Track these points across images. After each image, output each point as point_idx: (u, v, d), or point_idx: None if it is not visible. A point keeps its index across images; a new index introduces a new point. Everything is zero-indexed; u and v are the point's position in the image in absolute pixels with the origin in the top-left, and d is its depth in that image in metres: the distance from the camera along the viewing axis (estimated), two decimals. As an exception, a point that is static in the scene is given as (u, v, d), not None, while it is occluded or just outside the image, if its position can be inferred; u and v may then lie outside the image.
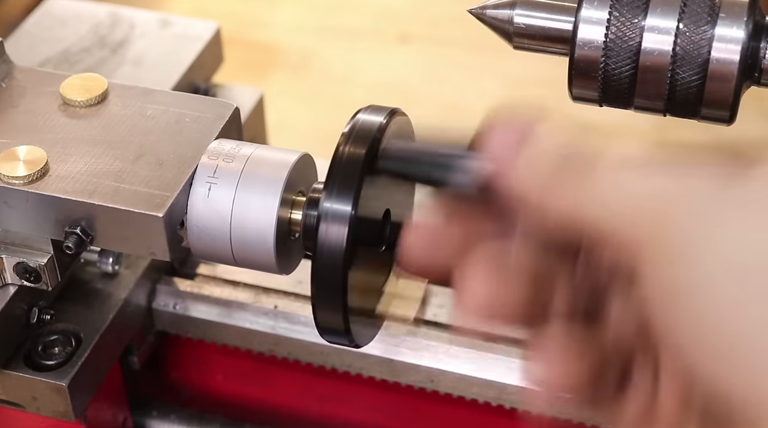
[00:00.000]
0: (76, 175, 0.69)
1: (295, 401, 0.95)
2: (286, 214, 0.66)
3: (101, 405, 0.85)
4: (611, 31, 0.63)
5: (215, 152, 0.68)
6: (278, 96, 1.79)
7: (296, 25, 2.10)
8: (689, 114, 0.64)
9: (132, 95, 0.75)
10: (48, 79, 0.77)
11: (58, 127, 0.73)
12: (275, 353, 0.87)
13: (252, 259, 0.67)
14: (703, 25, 0.61)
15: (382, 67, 2.00)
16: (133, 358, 0.87)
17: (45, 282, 0.71)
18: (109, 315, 0.82)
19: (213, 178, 0.67)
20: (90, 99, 0.74)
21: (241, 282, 0.89)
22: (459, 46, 2.01)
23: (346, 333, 0.62)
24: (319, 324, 0.62)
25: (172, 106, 0.74)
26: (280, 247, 0.66)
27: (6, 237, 0.71)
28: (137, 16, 1.00)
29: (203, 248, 0.68)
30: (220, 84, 1.01)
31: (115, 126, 0.73)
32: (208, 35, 0.98)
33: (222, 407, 0.96)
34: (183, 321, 0.88)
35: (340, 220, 0.59)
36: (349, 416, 0.94)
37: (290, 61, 2.01)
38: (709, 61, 0.61)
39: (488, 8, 0.68)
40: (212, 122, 0.72)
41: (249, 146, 0.68)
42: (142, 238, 0.68)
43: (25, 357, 0.78)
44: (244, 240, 0.66)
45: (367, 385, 0.89)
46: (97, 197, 0.68)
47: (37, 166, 0.69)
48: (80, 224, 0.68)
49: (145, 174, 0.69)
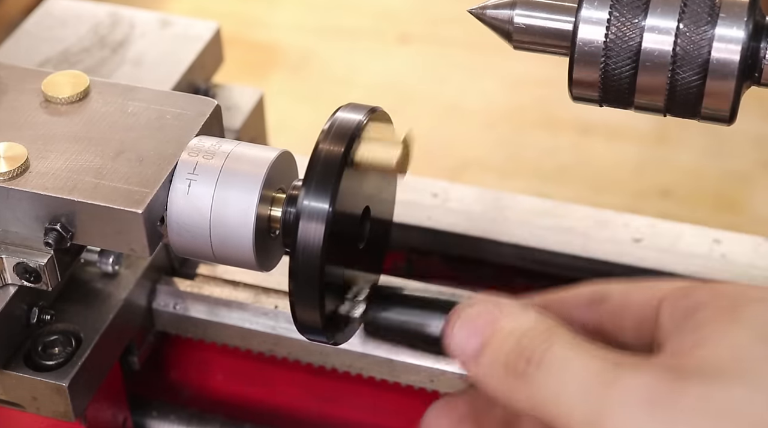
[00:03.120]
0: (56, 172, 0.69)
1: (295, 401, 0.95)
2: (266, 211, 0.67)
3: (101, 405, 0.85)
4: (611, 31, 0.63)
5: (195, 149, 0.68)
6: (278, 96, 1.79)
7: (296, 25, 2.10)
8: (689, 114, 0.64)
9: (113, 92, 0.75)
10: (30, 76, 0.77)
11: (39, 124, 0.73)
12: (275, 353, 0.87)
13: (231, 256, 0.67)
14: (703, 25, 0.61)
15: (382, 67, 2.00)
16: (133, 358, 0.87)
17: (45, 282, 0.71)
18: (109, 315, 0.82)
19: (193, 174, 0.67)
20: (71, 96, 0.74)
21: (241, 282, 0.89)
22: (459, 46, 2.01)
23: (324, 330, 0.62)
24: (298, 321, 0.62)
25: (153, 102, 0.74)
26: (259, 244, 0.66)
27: (6, 237, 0.71)
28: (137, 16, 1.00)
29: (183, 244, 0.68)
30: (220, 84, 1.01)
31: (96, 123, 0.73)
32: (208, 35, 0.98)
33: (222, 407, 0.96)
34: (183, 321, 0.88)
35: (318, 217, 0.59)
36: (349, 416, 0.94)
37: (290, 61, 2.01)
38: (709, 61, 0.61)
39: (488, 8, 0.68)
40: (193, 119, 0.72)
41: (229, 143, 0.69)
42: (122, 234, 0.68)
43: (25, 357, 0.78)
44: (224, 237, 0.66)
45: (367, 385, 0.89)
46: (77, 193, 0.68)
47: (17, 162, 0.69)
48: (60, 220, 0.69)
49: (125, 170, 0.69)
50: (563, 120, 1.88)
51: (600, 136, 1.86)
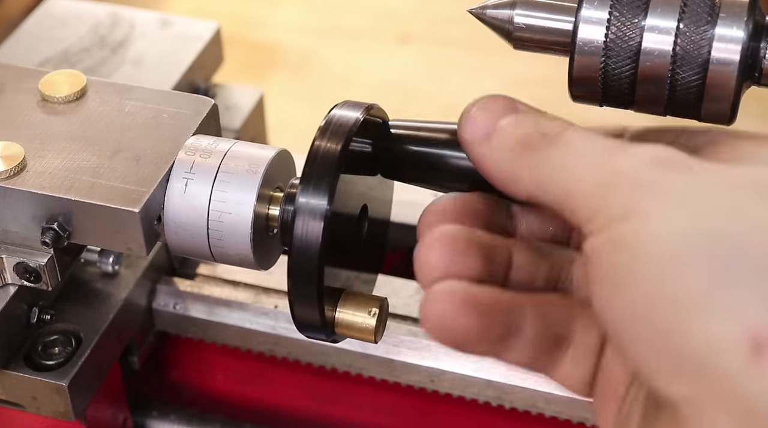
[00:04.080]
0: (53, 171, 0.69)
1: (295, 401, 0.95)
2: (264, 210, 0.67)
3: (101, 405, 0.85)
4: (611, 31, 0.63)
5: (192, 148, 0.68)
6: (278, 96, 1.79)
7: (296, 25, 2.10)
8: (689, 114, 0.64)
9: (111, 91, 0.75)
10: (27, 76, 0.77)
11: (36, 123, 0.73)
12: (275, 353, 0.87)
13: (229, 255, 0.67)
14: (703, 25, 0.61)
15: (382, 67, 2.00)
16: (133, 358, 0.87)
17: (45, 282, 0.71)
18: (109, 315, 0.82)
19: (190, 173, 0.67)
20: (68, 95, 0.74)
21: (241, 282, 0.89)
22: (459, 46, 2.01)
23: (323, 328, 0.62)
24: (296, 319, 0.62)
25: (150, 102, 0.74)
26: (257, 243, 0.66)
27: (6, 237, 0.71)
28: (137, 16, 1.00)
29: (180, 243, 0.68)
30: (220, 84, 1.01)
31: (93, 122, 0.73)
32: (208, 35, 0.98)
33: (222, 407, 0.96)
34: (183, 321, 0.88)
35: (316, 215, 0.59)
36: (349, 416, 0.94)
37: (290, 61, 2.01)
38: (709, 61, 0.61)
39: (488, 8, 0.68)
40: (190, 118, 0.72)
41: (226, 142, 0.69)
42: (119, 234, 0.68)
43: (25, 357, 0.78)
44: (222, 236, 0.66)
45: (367, 385, 0.89)
46: (74, 193, 0.68)
47: (14, 161, 0.69)
48: (57, 220, 0.69)
49: (122, 170, 0.69)
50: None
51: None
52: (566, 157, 0.50)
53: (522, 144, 0.52)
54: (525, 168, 0.51)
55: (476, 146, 0.54)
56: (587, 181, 0.48)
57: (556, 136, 0.51)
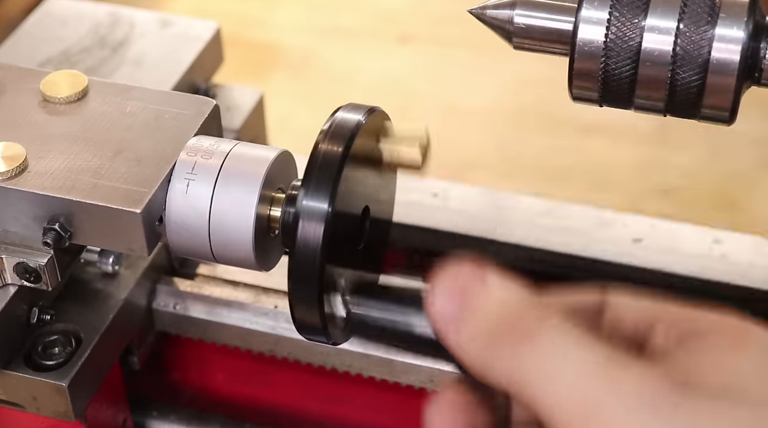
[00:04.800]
0: (55, 172, 0.69)
1: (295, 401, 0.95)
2: (265, 211, 0.67)
3: (101, 405, 0.85)
4: (611, 31, 0.63)
5: (194, 148, 0.68)
6: (278, 96, 1.79)
7: (296, 25, 2.10)
8: (689, 114, 0.64)
9: (112, 92, 0.75)
10: (28, 76, 0.77)
11: (37, 124, 0.73)
12: (275, 353, 0.87)
13: (231, 256, 0.67)
14: (703, 25, 0.61)
15: (382, 67, 2.00)
16: (133, 358, 0.87)
17: (45, 282, 0.71)
18: (109, 315, 0.82)
19: (191, 174, 0.67)
20: (70, 96, 0.74)
21: (241, 282, 0.89)
22: (459, 46, 2.01)
23: (323, 330, 0.62)
24: (297, 321, 0.62)
25: (151, 102, 0.74)
26: (259, 244, 0.66)
27: (6, 237, 0.71)
28: (137, 16, 1.00)
29: (182, 244, 0.68)
30: (220, 84, 1.01)
31: (95, 122, 0.73)
32: (208, 35, 0.98)
33: (222, 407, 0.96)
34: (183, 321, 0.88)
35: (317, 217, 0.59)
36: (349, 416, 0.94)
37: (290, 61, 2.01)
38: (709, 61, 0.61)
39: (488, 8, 0.68)
40: (191, 119, 0.72)
41: (228, 143, 0.69)
42: (121, 234, 0.68)
43: (25, 357, 0.78)
44: (223, 237, 0.66)
45: (367, 385, 0.89)
46: (76, 193, 0.68)
47: (15, 162, 0.69)
48: (59, 220, 0.69)
49: (124, 170, 0.69)
50: (563, 120, 1.88)
51: (600, 136, 1.86)
52: (545, 364, 0.47)
53: (495, 340, 0.48)
54: (499, 365, 0.48)
55: (445, 336, 0.50)
56: (569, 403, 0.46)
57: (533, 335, 0.48)
